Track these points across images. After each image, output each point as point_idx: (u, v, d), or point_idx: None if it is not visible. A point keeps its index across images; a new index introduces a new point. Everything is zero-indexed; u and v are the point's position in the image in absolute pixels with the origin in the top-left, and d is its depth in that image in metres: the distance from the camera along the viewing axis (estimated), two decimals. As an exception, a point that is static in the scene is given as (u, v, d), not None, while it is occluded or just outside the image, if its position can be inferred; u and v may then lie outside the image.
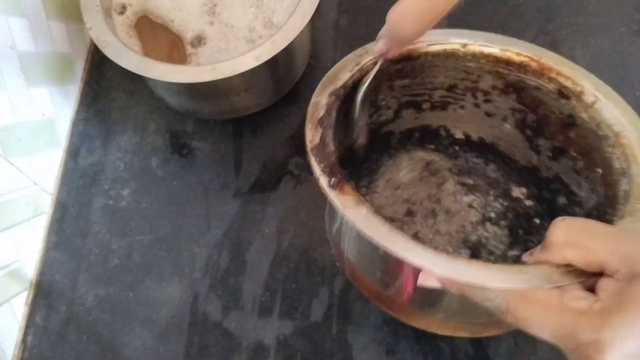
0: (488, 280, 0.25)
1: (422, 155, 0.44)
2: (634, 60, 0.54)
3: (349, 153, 0.40)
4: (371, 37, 0.57)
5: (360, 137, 0.40)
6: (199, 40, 0.49)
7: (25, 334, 0.47)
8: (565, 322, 0.23)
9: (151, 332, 0.46)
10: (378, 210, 0.30)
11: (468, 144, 0.44)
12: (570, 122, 0.36)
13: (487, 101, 0.40)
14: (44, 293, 0.48)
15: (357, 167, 0.42)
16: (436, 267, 0.26)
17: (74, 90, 0.56)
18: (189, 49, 0.48)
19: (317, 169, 0.31)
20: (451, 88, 0.40)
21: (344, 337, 0.45)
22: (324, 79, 0.36)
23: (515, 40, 0.37)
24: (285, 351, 0.44)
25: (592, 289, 0.24)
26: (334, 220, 0.37)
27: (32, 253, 0.49)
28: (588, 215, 0.35)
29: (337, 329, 0.45)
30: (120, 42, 0.44)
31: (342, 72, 0.36)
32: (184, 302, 0.47)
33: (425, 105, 0.41)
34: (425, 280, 0.27)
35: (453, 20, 0.57)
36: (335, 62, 0.57)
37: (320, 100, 0.35)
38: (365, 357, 0.44)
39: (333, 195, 0.30)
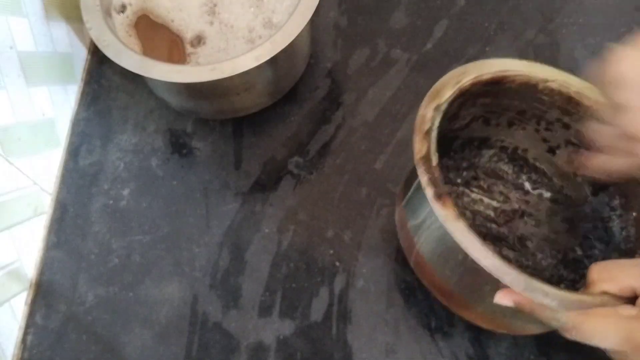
0: (558, 294, 0.30)
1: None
2: (634, 60, 0.53)
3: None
4: (371, 37, 0.58)
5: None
6: (198, 40, 0.49)
7: (25, 334, 0.47)
8: (622, 327, 0.28)
9: (151, 332, 0.46)
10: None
11: (517, 158, 0.48)
12: None
13: (547, 129, 0.44)
14: (44, 293, 0.48)
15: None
16: (520, 287, 0.31)
17: (74, 90, 0.56)
18: (189, 49, 0.48)
19: (424, 179, 0.34)
20: (521, 112, 0.44)
21: (344, 337, 0.45)
22: (430, 92, 0.38)
23: (591, 86, 0.40)
24: (285, 351, 0.44)
25: None
26: (415, 217, 0.41)
27: (32, 253, 0.49)
28: (618, 251, 0.40)
29: (337, 329, 0.45)
30: (120, 42, 0.44)
31: (445, 89, 0.39)
32: (184, 302, 0.47)
33: (493, 122, 0.45)
34: (502, 299, 0.31)
35: (454, 19, 0.57)
36: (335, 62, 0.57)
37: (427, 113, 0.37)
38: (365, 357, 0.44)
39: (437, 207, 0.33)
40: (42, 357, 0.46)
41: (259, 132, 0.53)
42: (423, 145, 0.36)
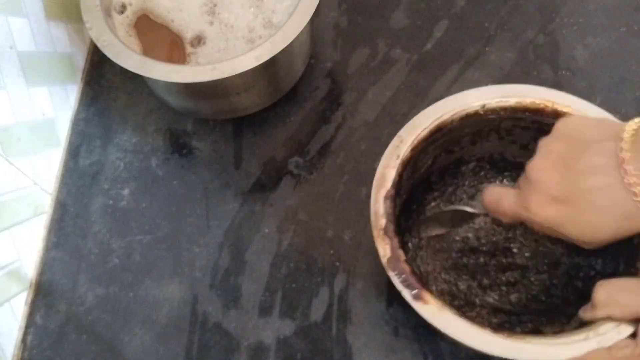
0: (557, 355, 0.31)
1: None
2: (633, 60, 0.54)
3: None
4: (371, 37, 0.58)
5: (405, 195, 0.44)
6: (198, 40, 0.49)
7: (25, 334, 0.47)
8: None
9: (151, 332, 0.46)
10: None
11: (495, 161, 0.47)
12: None
13: (509, 134, 0.44)
14: (44, 293, 0.48)
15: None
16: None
17: (74, 90, 0.56)
18: (189, 49, 0.49)
19: (397, 283, 0.34)
20: (477, 132, 0.43)
21: (344, 337, 0.45)
22: (375, 182, 0.38)
23: (529, 88, 0.40)
24: (285, 351, 0.44)
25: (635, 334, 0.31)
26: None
27: (32, 253, 0.49)
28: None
29: (337, 329, 0.45)
30: (120, 42, 0.44)
31: (388, 171, 0.39)
32: (184, 302, 0.47)
33: (457, 148, 0.45)
34: None
35: (454, 19, 0.57)
36: (335, 62, 0.57)
37: (379, 209, 0.37)
38: (365, 357, 0.44)
39: (417, 307, 0.33)
40: (42, 357, 0.46)
41: (259, 132, 0.53)
42: (386, 247, 0.36)
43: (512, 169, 0.47)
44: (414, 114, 0.40)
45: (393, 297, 0.45)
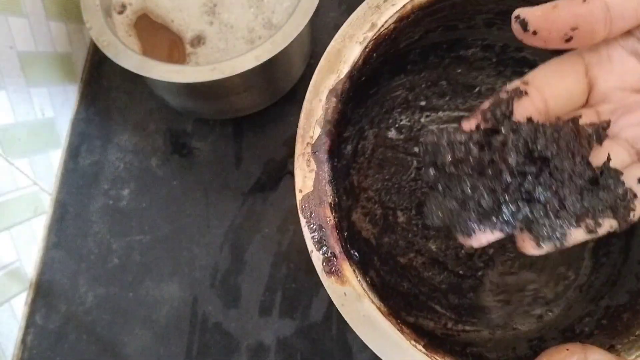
0: None
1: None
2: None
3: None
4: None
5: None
6: (198, 40, 0.49)
7: (25, 334, 0.47)
8: None
9: (151, 332, 0.46)
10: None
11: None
12: None
13: None
14: (43, 293, 0.48)
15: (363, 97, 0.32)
16: None
17: (74, 90, 0.56)
18: (189, 49, 0.48)
19: (308, 237, 0.24)
20: (502, 13, 0.30)
21: (343, 337, 0.45)
22: (322, 62, 0.25)
23: None
24: (285, 351, 0.44)
25: None
26: None
27: (32, 253, 0.49)
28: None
29: (337, 329, 0.45)
30: (120, 42, 0.44)
31: (348, 46, 0.25)
32: (184, 302, 0.47)
33: (462, 25, 0.32)
34: None
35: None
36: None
37: (315, 108, 0.24)
38: (365, 357, 0.44)
39: (327, 284, 0.23)
40: (42, 357, 0.46)
41: (259, 132, 0.53)
42: (307, 177, 0.23)
43: (520, 71, 0.34)
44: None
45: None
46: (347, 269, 0.23)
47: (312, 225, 0.24)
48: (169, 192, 0.51)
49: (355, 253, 0.26)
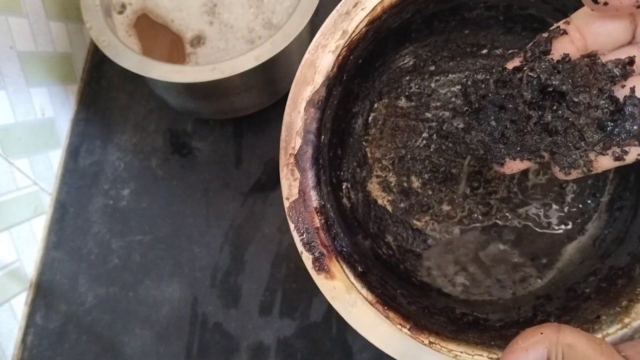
0: None
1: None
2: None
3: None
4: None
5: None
6: (198, 40, 0.49)
7: (25, 334, 0.47)
8: None
9: (151, 332, 0.46)
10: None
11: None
12: None
13: None
14: (43, 293, 0.48)
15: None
16: None
17: (74, 90, 0.56)
18: (188, 49, 0.48)
19: (298, 241, 0.25)
20: None
21: (343, 337, 0.45)
22: (298, 74, 0.25)
23: None
24: (285, 351, 0.44)
25: None
26: None
27: (32, 253, 0.49)
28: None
29: (337, 329, 0.45)
30: (120, 42, 0.44)
31: (320, 56, 0.25)
32: (184, 302, 0.47)
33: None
34: None
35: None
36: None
37: (295, 121, 0.24)
38: (365, 357, 0.44)
39: (318, 281, 0.25)
40: (42, 357, 0.46)
41: (259, 132, 0.53)
42: (294, 182, 0.24)
43: (530, 27, 0.33)
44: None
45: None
46: (335, 266, 0.26)
47: (300, 229, 0.26)
48: (169, 192, 0.51)
49: (345, 247, 0.28)
